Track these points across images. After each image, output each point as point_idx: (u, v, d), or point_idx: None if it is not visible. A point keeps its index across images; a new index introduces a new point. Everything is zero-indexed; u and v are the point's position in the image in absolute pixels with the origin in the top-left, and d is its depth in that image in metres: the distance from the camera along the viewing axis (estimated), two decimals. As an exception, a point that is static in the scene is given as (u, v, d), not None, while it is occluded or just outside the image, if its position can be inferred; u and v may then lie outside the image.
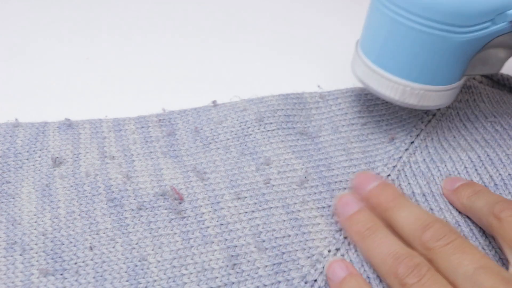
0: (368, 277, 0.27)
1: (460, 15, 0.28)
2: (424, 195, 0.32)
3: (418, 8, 0.28)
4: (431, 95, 0.31)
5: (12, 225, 0.29)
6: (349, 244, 0.29)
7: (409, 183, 0.33)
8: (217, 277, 0.27)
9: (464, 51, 0.30)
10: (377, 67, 0.31)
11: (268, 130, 0.36)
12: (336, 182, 0.33)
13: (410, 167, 0.34)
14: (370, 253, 0.27)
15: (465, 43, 0.29)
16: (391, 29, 0.29)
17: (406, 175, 0.33)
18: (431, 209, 0.31)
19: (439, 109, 0.38)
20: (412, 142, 0.35)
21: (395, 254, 0.26)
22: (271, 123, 0.36)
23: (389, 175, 0.33)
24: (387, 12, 0.29)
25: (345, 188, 0.32)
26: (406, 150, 0.35)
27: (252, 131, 0.36)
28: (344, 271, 0.27)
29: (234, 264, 0.28)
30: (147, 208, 0.30)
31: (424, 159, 0.34)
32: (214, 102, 0.38)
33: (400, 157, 0.34)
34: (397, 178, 0.33)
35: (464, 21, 0.28)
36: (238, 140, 0.35)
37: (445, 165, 0.33)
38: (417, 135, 0.36)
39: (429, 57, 0.30)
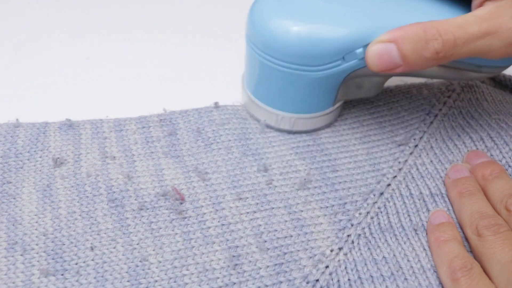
0: (372, 276, 0.27)
1: (308, 57, 0.31)
2: (432, 196, 0.32)
3: (274, 51, 0.31)
4: (303, 121, 0.35)
5: (13, 225, 0.29)
6: (352, 243, 0.29)
7: (417, 185, 0.32)
8: (218, 278, 0.27)
9: (325, 85, 0.33)
10: (255, 98, 0.35)
11: (271, 131, 0.36)
12: (340, 182, 0.32)
13: (417, 169, 0.34)
14: (462, 208, 0.30)
15: (321, 78, 0.32)
16: (260, 68, 0.33)
17: (413, 177, 0.33)
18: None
19: (441, 109, 0.37)
20: (416, 146, 0.35)
21: (483, 212, 0.29)
22: (273, 126, 0.36)
23: (395, 176, 0.33)
24: (254, 54, 0.32)
25: (349, 188, 0.32)
26: (411, 153, 0.34)
27: (254, 135, 0.35)
28: (445, 218, 0.30)
29: (236, 265, 0.28)
30: (148, 209, 0.30)
31: (431, 161, 0.34)
32: (216, 103, 0.38)
33: (406, 160, 0.34)
34: (404, 179, 0.33)
35: (314, 62, 0.31)
36: (240, 142, 0.35)
37: None
38: (421, 138, 0.35)
39: (293, 91, 0.33)
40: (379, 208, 0.31)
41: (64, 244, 0.28)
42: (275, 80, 0.33)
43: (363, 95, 0.36)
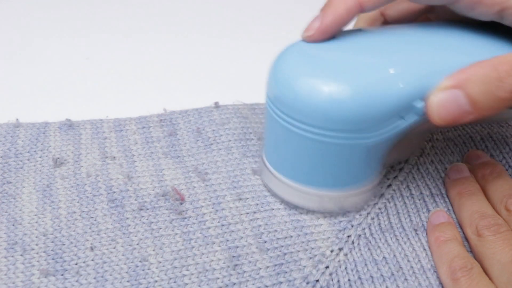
0: (372, 277, 0.27)
1: (365, 123, 0.25)
2: (433, 196, 0.32)
3: (320, 120, 0.25)
4: (351, 196, 0.29)
5: (13, 225, 0.29)
6: (352, 243, 0.29)
7: (417, 185, 0.32)
8: (218, 278, 0.27)
9: (375, 151, 0.28)
10: (290, 180, 0.29)
11: None
12: None
13: (418, 169, 0.33)
14: (462, 208, 0.30)
15: (374, 145, 0.26)
16: (298, 143, 0.27)
17: (414, 177, 0.33)
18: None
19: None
20: None
21: (483, 212, 0.29)
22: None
23: (396, 176, 0.33)
24: (288, 127, 0.27)
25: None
26: (412, 153, 0.34)
27: (254, 136, 0.35)
28: (445, 218, 0.30)
29: (236, 265, 0.28)
30: (148, 209, 0.30)
31: (431, 160, 0.34)
32: (216, 103, 0.38)
33: (407, 160, 0.34)
34: (405, 179, 0.33)
35: (370, 127, 0.25)
36: (240, 142, 0.35)
37: None
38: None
39: (339, 164, 0.27)
40: (379, 208, 0.31)
41: (64, 244, 0.28)
42: (312, 152, 0.27)
43: (406, 155, 0.32)
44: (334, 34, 0.27)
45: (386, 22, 0.33)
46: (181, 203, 0.31)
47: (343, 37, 0.27)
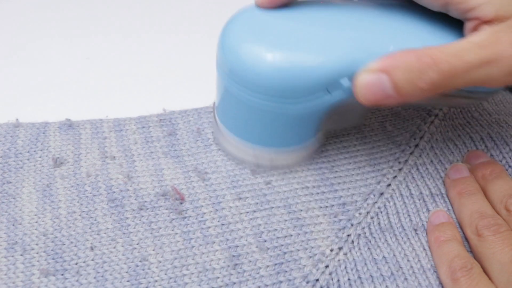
0: (371, 276, 0.27)
1: (287, 90, 0.27)
2: (433, 196, 0.32)
3: (247, 83, 0.27)
4: (283, 156, 0.32)
5: (13, 225, 0.29)
6: (352, 242, 0.29)
7: (417, 185, 0.32)
8: (218, 277, 0.27)
9: (306, 118, 0.29)
10: (228, 131, 0.32)
11: None
12: (339, 183, 0.32)
13: (417, 169, 0.33)
14: (462, 208, 0.30)
15: (302, 112, 0.28)
16: (233, 100, 0.29)
17: (413, 177, 0.33)
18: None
19: (441, 109, 0.37)
20: (416, 145, 0.35)
21: (482, 212, 0.29)
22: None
23: (395, 176, 0.33)
24: (226, 84, 0.29)
25: (349, 188, 0.32)
26: (411, 153, 0.34)
27: None
28: (445, 218, 0.30)
29: (236, 264, 0.28)
30: (148, 208, 0.30)
31: (431, 161, 0.34)
32: (215, 103, 0.38)
33: (406, 160, 0.34)
34: (404, 179, 0.33)
35: (293, 94, 0.27)
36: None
37: None
38: (421, 137, 0.35)
39: (270, 126, 0.30)
40: (379, 208, 0.31)
41: (64, 244, 0.28)
42: (250, 113, 0.29)
43: (346, 125, 0.34)
44: (285, 2, 0.29)
45: None
46: (181, 203, 0.31)
47: (294, 7, 0.29)
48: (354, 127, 0.36)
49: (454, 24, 0.28)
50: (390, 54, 0.25)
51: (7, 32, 0.46)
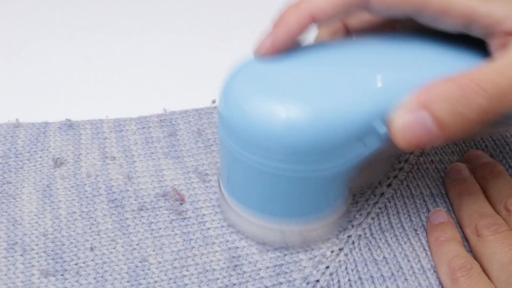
0: (372, 277, 0.27)
1: (317, 150, 0.23)
2: (433, 196, 0.32)
3: (274, 149, 0.23)
4: (314, 229, 0.28)
5: (13, 225, 0.29)
6: (353, 243, 0.29)
7: (417, 185, 0.32)
8: (218, 278, 0.27)
9: (340, 180, 0.26)
10: (250, 215, 0.27)
11: None
12: None
13: (418, 169, 0.33)
14: (462, 208, 0.30)
15: (337, 175, 0.24)
16: (259, 178, 0.25)
17: (414, 177, 0.33)
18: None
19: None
20: None
21: (482, 212, 0.29)
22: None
23: (396, 176, 0.33)
24: (235, 152, 0.24)
25: (349, 189, 0.32)
26: (412, 153, 0.34)
27: None
28: (445, 218, 0.30)
29: (236, 265, 0.28)
30: (148, 209, 0.30)
31: (431, 160, 0.34)
32: (214, 101, 0.38)
33: (407, 160, 0.34)
34: (405, 179, 0.33)
35: (330, 155, 0.23)
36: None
37: None
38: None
39: (299, 196, 0.25)
40: (379, 208, 0.31)
41: (64, 244, 0.28)
42: (271, 185, 0.25)
43: (374, 179, 0.31)
44: (288, 49, 0.25)
45: (349, 33, 0.30)
46: (181, 204, 0.31)
47: (299, 53, 0.25)
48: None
49: (473, 46, 0.25)
50: (426, 87, 0.22)
51: (7, 32, 0.46)
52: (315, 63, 0.25)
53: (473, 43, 0.25)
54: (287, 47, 0.25)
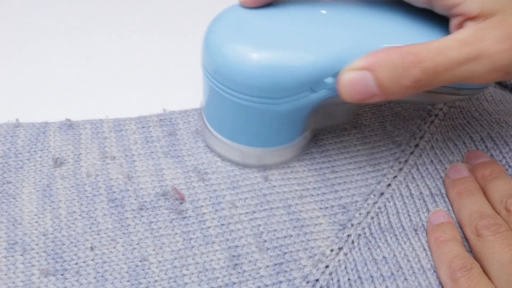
0: (372, 276, 0.27)
1: (271, 89, 0.27)
2: (433, 196, 0.32)
3: (232, 82, 0.27)
4: (270, 156, 0.32)
5: (13, 225, 0.29)
6: (352, 242, 0.29)
7: (417, 185, 0.32)
8: (218, 277, 0.27)
9: (291, 117, 0.29)
10: (215, 131, 0.32)
11: None
12: (340, 183, 0.32)
13: (418, 169, 0.33)
14: (462, 208, 0.30)
15: (287, 111, 0.28)
16: (218, 100, 0.29)
17: (413, 177, 0.33)
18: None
19: (441, 109, 0.37)
20: (416, 145, 0.35)
21: (482, 212, 0.29)
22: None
23: (395, 176, 0.33)
24: (211, 84, 0.29)
25: (349, 189, 0.32)
26: (411, 153, 0.34)
27: None
28: (445, 218, 0.30)
29: (236, 264, 0.28)
30: (148, 208, 0.30)
31: (431, 160, 0.34)
32: None
33: (406, 160, 0.34)
34: (404, 179, 0.33)
35: (277, 94, 0.27)
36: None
37: None
38: (421, 137, 0.35)
39: (257, 125, 0.30)
40: (379, 208, 0.31)
41: (64, 244, 0.28)
42: (235, 113, 0.29)
43: (334, 122, 0.34)
44: (269, 1, 0.29)
45: None
46: (181, 203, 0.31)
47: (278, 6, 0.29)
48: (354, 127, 0.36)
49: (441, 21, 0.28)
50: (374, 52, 0.25)
51: (7, 32, 0.46)
52: (290, 17, 0.28)
53: (442, 19, 0.28)
54: (267, 0, 0.29)
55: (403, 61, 0.24)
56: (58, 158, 0.33)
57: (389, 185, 0.32)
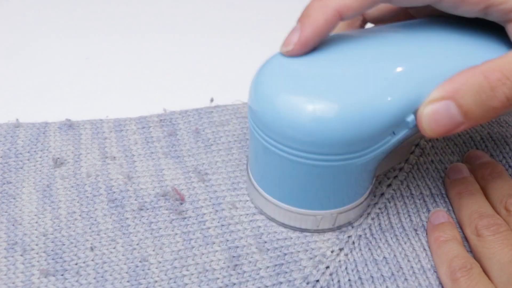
0: (372, 277, 0.27)
1: (354, 144, 0.23)
2: (433, 196, 0.32)
3: (304, 142, 0.23)
4: (346, 213, 0.28)
5: (13, 225, 0.29)
6: (353, 243, 0.29)
7: (417, 185, 0.32)
8: (218, 278, 0.27)
9: (370, 166, 0.26)
10: (286, 205, 0.28)
11: None
12: None
13: (418, 169, 0.33)
14: (462, 208, 0.30)
15: (369, 161, 0.25)
16: (282, 165, 0.25)
17: (414, 177, 0.33)
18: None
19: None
20: (417, 145, 0.35)
21: (482, 212, 0.29)
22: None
23: (396, 176, 0.33)
24: (272, 148, 0.25)
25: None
26: (411, 153, 0.34)
27: None
28: (445, 218, 0.30)
29: (236, 265, 0.28)
30: (148, 209, 0.30)
31: (431, 160, 0.34)
32: (212, 100, 0.38)
33: (407, 160, 0.34)
34: (405, 179, 0.33)
35: (360, 147, 0.24)
36: (240, 143, 0.35)
37: None
38: (421, 138, 0.35)
39: (334, 185, 0.26)
40: (379, 208, 0.31)
41: (64, 244, 0.28)
42: (307, 176, 0.25)
43: (395, 163, 0.32)
44: (315, 46, 0.25)
45: (365, 21, 0.32)
46: (181, 203, 0.31)
47: (324, 48, 0.25)
48: None
49: (489, 30, 0.26)
50: (451, 78, 0.23)
51: (7, 32, 0.46)
52: (340, 57, 0.25)
53: (491, 26, 0.26)
54: (315, 44, 0.25)
55: (488, 81, 0.22)
56: (58, 158, 0.33)
57: (389, 185, 0.32)
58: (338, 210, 0.28)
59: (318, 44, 0.25)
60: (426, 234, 0.30)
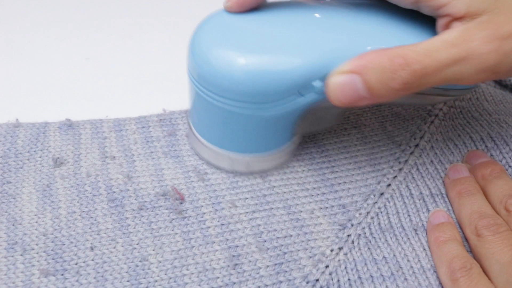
0: (372, 276, 0.27)
1: (258, 94, 0.26)
2: (433, 196, 0.32)
3: (218, 88, 0.27)
4: (259, 161, 0.32)
5: (13, 225, 0.29)
6: (352, 242, 0.29)
7: (417, 185, 0.32)
8: (218, 277, 0.27)
9: (279, 122, 0.29)
10: (202, 137, 0.32)
11: None
12: (339, 183, 0.32)
13: (417, 169, 0.33)
14: (461, 208, 0.30)
15: (275, 116, 0.28)
16: (205, 106, 0.29)
17: (413, 177, 0.33)
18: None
19: (441, 109, 0.37)
20: (416, 145, 0.35)
21: (482, 212, 0.29)
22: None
23: (395, 176, 0.33)
24: (197, 90, 0.29)
25: (349, 189, 0.32)
26: (411, 153, 0.34)
27: None
28: (445, 218, 0.30)
29: (236, 264, 0.28)
30: (148, 208, 0.30)
31: (431, 160, 0.34)
32: None
33: (406, 160, 0.34)
34: (404, 179, 0.33)
35: (265, 99, 0.27)
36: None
37: None
38: (421, 137, 0.35)
39: (244, 131, 0.29)
40: (379, 208, 0.31)
41: (64, 244, 0.28)
42: (223, 119, 0.29)
43: (322, 127, 0.34)
44: (254, 6, 0.28)
45: None
46: (181, 203, 0.31)
47: (264, 10, 0.29)
48: (354, 127, 0.36)
49: (428, 21, 0.28)
50: (362, 55, 0.25)
51: (7, 32, 0.46)
52: (276, 21, 0.28)
53: (429, 19, 0.27)
54: (251, 3, 0.28)
55: (391, 64, 0.24)
56: (58, 158, 0.33)
57: (389, 185, 0.32)
58: (250, 155, 0.31)
59: (259, 5, 0.29)
60: (426, 234, 0.30)
